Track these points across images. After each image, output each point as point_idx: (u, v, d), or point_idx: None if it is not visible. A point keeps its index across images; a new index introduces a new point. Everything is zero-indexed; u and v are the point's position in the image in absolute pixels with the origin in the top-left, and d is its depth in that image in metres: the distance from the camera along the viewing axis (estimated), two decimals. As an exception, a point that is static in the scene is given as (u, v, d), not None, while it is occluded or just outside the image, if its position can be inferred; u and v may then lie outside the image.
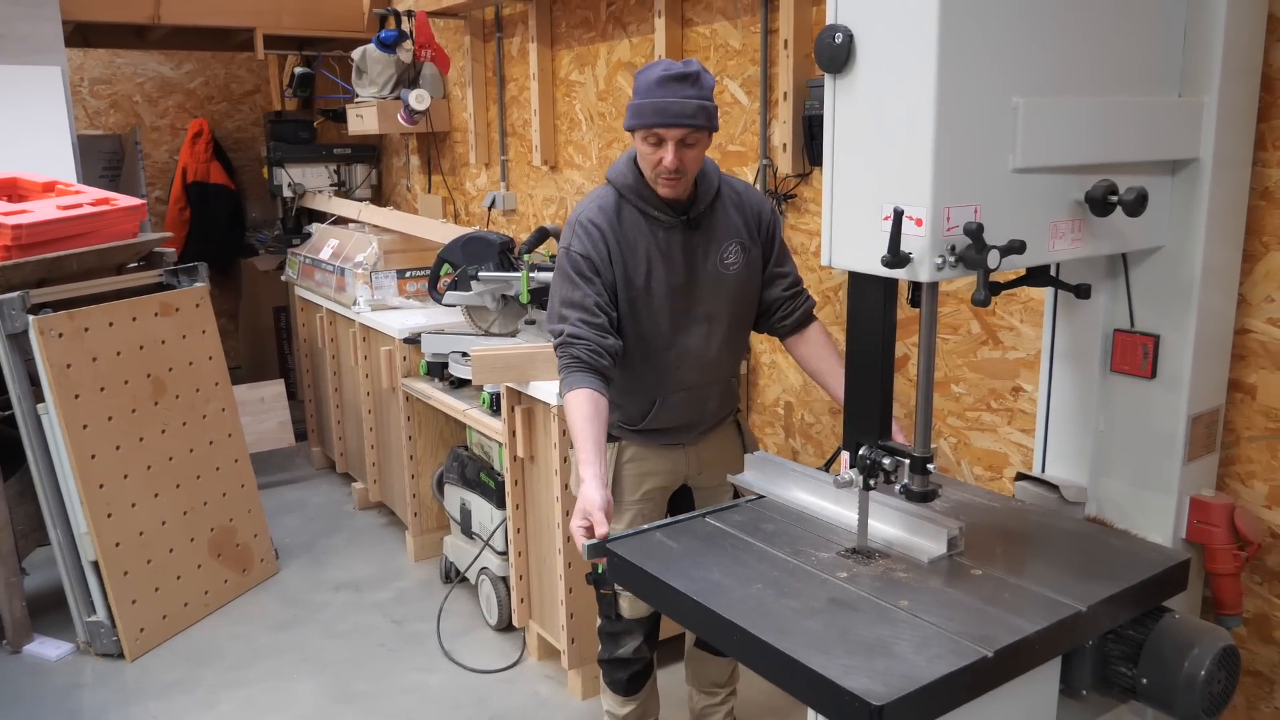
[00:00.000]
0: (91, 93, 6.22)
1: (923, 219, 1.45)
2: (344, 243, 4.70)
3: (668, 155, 2.08)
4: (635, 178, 2.22)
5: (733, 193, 2.31)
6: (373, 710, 3.07)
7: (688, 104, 2.06)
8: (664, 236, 2.22)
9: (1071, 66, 1.58)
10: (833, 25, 1.52)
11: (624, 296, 2.22)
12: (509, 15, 4.38)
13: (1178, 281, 1.83)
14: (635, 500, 2.38)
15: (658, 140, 2.09)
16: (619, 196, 2.24)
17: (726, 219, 2.28)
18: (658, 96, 2.07)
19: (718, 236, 2.26)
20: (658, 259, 2.22)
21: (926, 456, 1.61)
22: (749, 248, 2.29)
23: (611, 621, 2.46)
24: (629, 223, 2.22)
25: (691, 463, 2.42)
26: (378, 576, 3.97)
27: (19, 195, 3.77)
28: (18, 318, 3.24)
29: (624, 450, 2.37)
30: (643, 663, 2.51)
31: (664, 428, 2.35)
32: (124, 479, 3.44)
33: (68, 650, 3.43)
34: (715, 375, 2.34)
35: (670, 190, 2.16)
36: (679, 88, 2.06)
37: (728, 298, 2.29)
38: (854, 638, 1.48)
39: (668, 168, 2.10)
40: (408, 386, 3.89)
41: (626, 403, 2.34)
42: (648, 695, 2.59)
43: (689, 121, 2.07)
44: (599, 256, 2.20)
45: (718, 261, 2.26)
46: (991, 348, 2.53)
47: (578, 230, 2.22)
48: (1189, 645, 1.63)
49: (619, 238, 2.21)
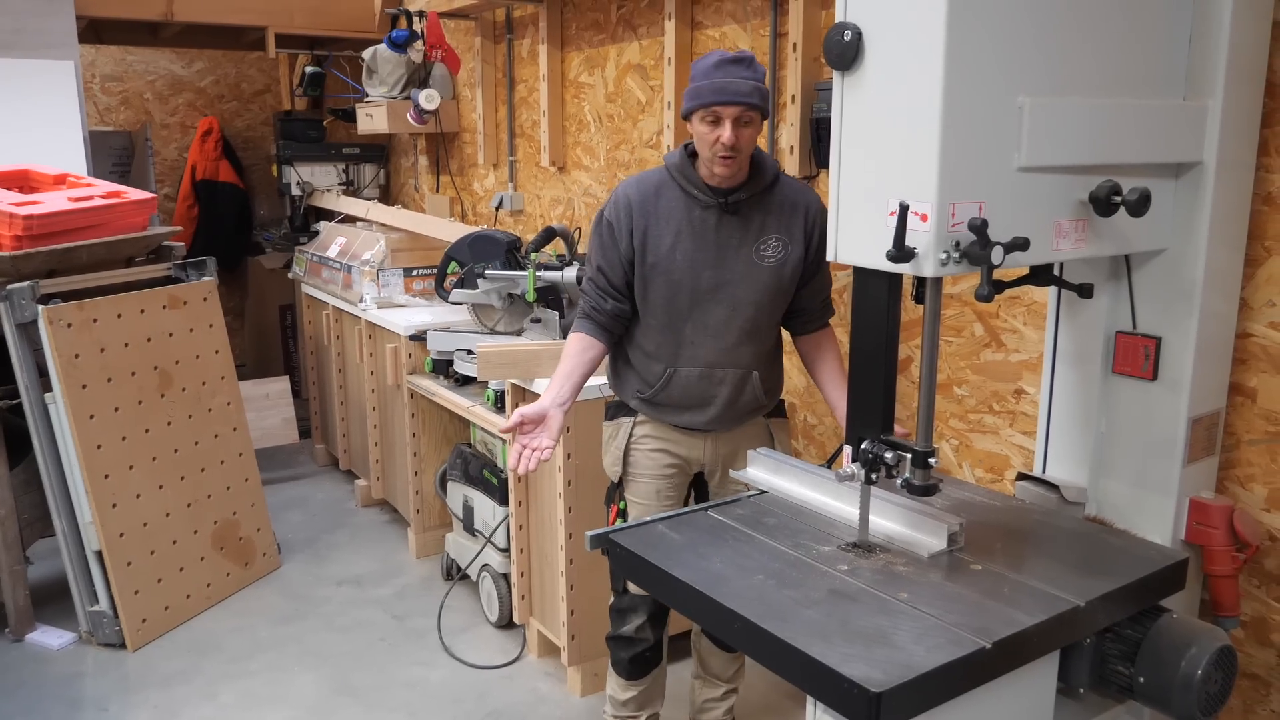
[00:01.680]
0: (103, 89, 6.25)
1: (928, 215, 1.47)
2: (351, 241, 4.73)
3: (725, 132, 2.15)
4: (684, 160, 2.32)
5: (791, 190, 2.35)
6: (373, 703, 3.08)
7: (744, 83, 2.14)
8: (700, 215, 2.29)
9: (1077, 68, 1.60)
10: (842, 23, 1.54)
11: (645, 264, 2.32)
12: (520, 17, 4.41)
13: (1180, 284, 1.84)
14: (650, 475, 2.45)
15: (715, 119, 2.16)
16: (666, 175, 2.34)
17: (775, 213, 2.32)
18: (716, 78, 2.15)
19: (759, 227, 2.30)
20: (687, 233, 2.29)
21: (928, 451, 1.63)
22: (790, 246, 2.32)
23: (619, 596, 2.51)
24: (668, 198, 2.32)
25: (708, 453, 2.46)
26: (379, 572, 3.98)
27: (30, 187, 3.80)
28: (27, 307, 3.27)
29: (639, 426, 2.45)
30: (646, 645, 2.52)
31: (675, 403, 2.40)
32: (129, 470, 3.46)
33: (70, 639, 3.44)
34: (732, 361, 2.36)
35: (726, 170, 2.21)
36: (736, 69, 2.15)
37: (757, 289, 2.31)
38: (854, 627, 1.49)
39: (725, 144, 2.15)
40: (412, 384, 3.91)
41: (643, 368, 2.42)
42: (651, 685, 2.60)
43: (745, 99, 2.14)
44: (620, 225, 2.33)
45: (753, 251, 2.30)
46: (994, 350, 2.54)
47: (614, 198, 2.37)
48: (1186, 645, 1.64)
49: (650, 209, 2.31)
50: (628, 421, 2.47)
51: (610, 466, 2.52)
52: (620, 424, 2.49)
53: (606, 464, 2.54)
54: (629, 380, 2.46)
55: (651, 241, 2.31)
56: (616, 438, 2.49)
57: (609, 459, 2.52)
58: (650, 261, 2.32)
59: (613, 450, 2.50)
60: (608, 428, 2.54)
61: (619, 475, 2.49)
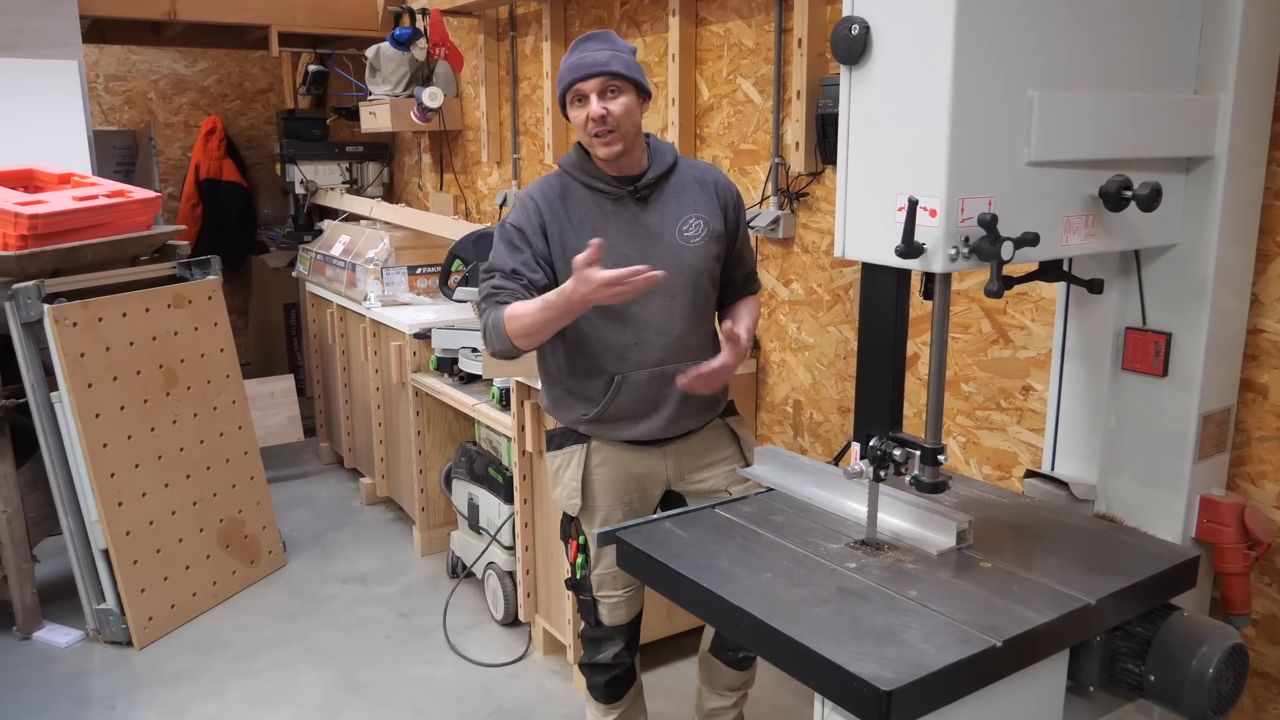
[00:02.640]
0: (106, 89, 6.26)
1: (937, 210, 1.46)
2: (355, 239, 4.73)
3: (592, 105, 2.12)
4: (580, 156, 2.26)
5: (693, 170, 2.32)
6: (378, 701, 3.08)
7: (599, 54, 2.13)
8: (613, 209, 2.23)
9: (1087, 61, 1.59)
10: (849, 17, 1.53)
11: (569, 271, 2.11)
12: (523, 14, 4.40)
13: (1190, 280, 1.83)
14: (613, 504, 2.33)
15: (580, 97, 2.15)
16: (565, 175, 2.27)
17: (685, 192, 2.28)
18: (571, 58, 2.16)
19: (675, 209, 2.26)
20: (605, 230, 2.20)
21: (937, 447, 1.62)
22: (710, 223, 2.28)
23: (592, 627, 2.44)
24: (576, 199, 2.24)
25: (671, 465, 2.35)
26: (385, 570, 3.98)
27: (35, 186, 3.80)
28: (33, 306, 3.27)
29: (593, 454, 2.31)
30: (622, 668, 2.47)
31: (628, 416, 2.26)
32: (135, 468, 3.46)
33: (77, 637, 3.45)
34: (680, 354, 2.26)
35: (608, 149, 2.16)
36: (590, 44, 2.16)
37: (689, 270, 2.25)
38: (863, 625, 1.48)
39: (594, 117, 2.13)
40: (417, 382, 3.90)
41: (585, 387, 2.27)
42: (630, 704, 2.55)
43: (602, 69, 2.12)
44: (530, 227, 2.22)
45: (676, 234, 2.25)
46: (1002, 347, 2.53)
47: (516, 205, 2.27)
48: (1197, 643, 1.63)
49: (559, 212, 2.22)
50: (579, 450, 2.32)
51: (566, 500, 2.34)
52: (571, 453, 2.33)
53: (560, 497, 2.37)
54: (570, 405, 2.32)
55: (571, 246, 2.18)
56: (569, 468, 2.33)
57: (563, 492, 2.35)
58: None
59: (566, 482, 2.34)
60: (555, 458, 2.37)
61: (577, 508, 2.33)
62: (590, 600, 2.40)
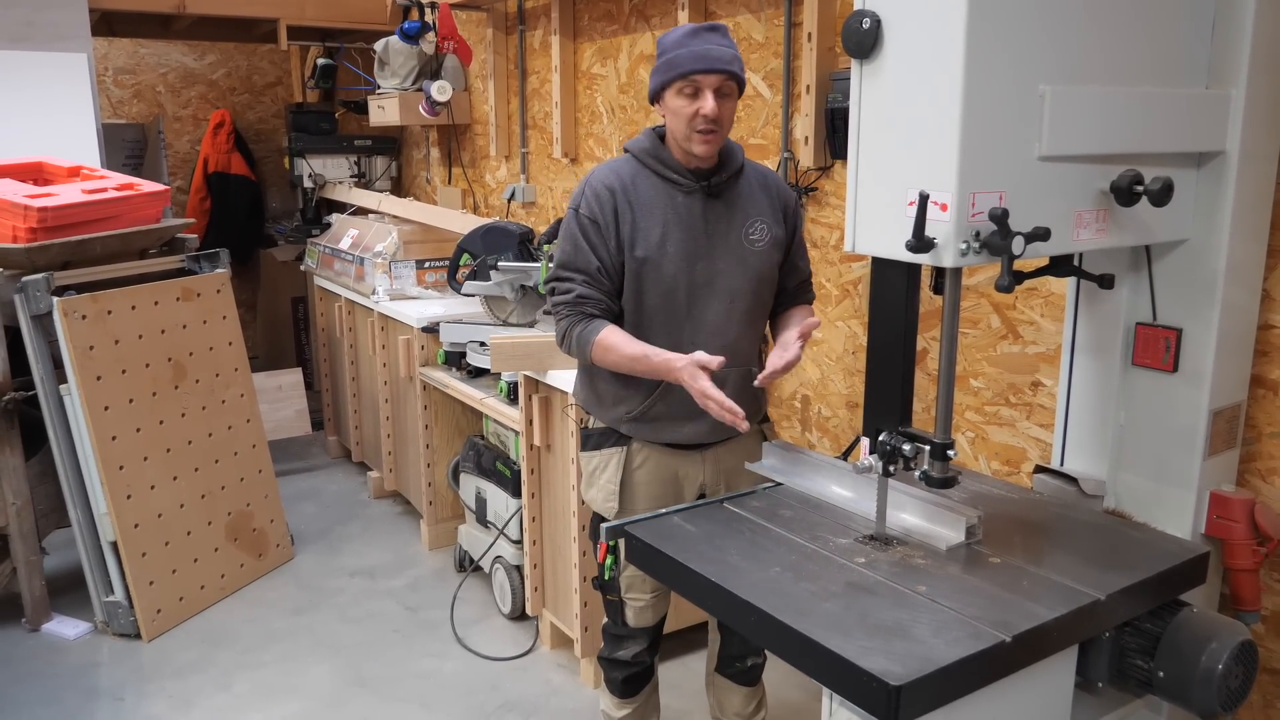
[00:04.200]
0: (115, 82, 6.27)
1: (948, 204, 1.45)
2: (364, 233, 4.73)
3: (707, 103, 2.02)
4: (654, 143, 2.18)
5: (758, 173, 2.26)
6: (386, 694, 3.09)
7: (725, 50, 2.03)
8: (683, 202, 2.15)
9: (1099, 56, 1.58)
10: (861, 10, 1.52)
11: (634, 260, 2.14)
12: (531, 8, 4.39)
13: (1201, 275, 1.82)
14: (643, 509, 2.23)
15: (695, 90, 2.03)
16: (637, 163, 2.19)
17: (752, 195, 2.22)
18: (693, 46, 2.02)
19: (743, 211, 2.19)
20: (674, 223, 2.14)
21: (947, 442, 1.61)
22: (773, 228, 2.23)
23: (617, 626, 2.40)
24: (645, 188, 2.16)
25: (709, 470, 2.30)
26: (392, 564, 3.99)
27: (45, 179, 3.81)
28: (42, 299, 3.28)
29: (634, 455, 2.26)
30: (641, 666, 2.44)
31: (673, 418, 2.20)
32: (144, 461, 3.47)
33: (86, 629, 3.46)
34: (734, 358, 2.18)
35: (706, 147, 2.08)
36: (713, 36, 2.04)
37: (752, 275, 2.20)
38: (872, 620, 1.48)
39: (707, 116, 2.02)
40: (425, 375, 3.91)
41: (630, 384, 2.21)
42: (645, 700, 2.52)
43: (727, 66, 2.03)
44: (605, 221, 2.14)
45: (742, 235, 2.18)
46: (1011, 342, 2.52)
47: (587, 193, 2.17)
48: (1207, 639, 1.63)
49: (631, 201, 2.14)
50: (618, 452, 2.26)
51: (603, 503, 2.28)
52: (610, 455, 2.27)
53: (596, 499, 2.31)
54: (614, 401, 2.25)
55: (641, 235, 2.13)
56: (606, 470, 2.27)
57: (599, 494, 2.29)
58: (640, 256, 2.13)
59: (603, 484, 2.28)
60: (591, 459, 2.30)
61: (613, 511, 2.26)
62: (618, 601, 2.35)
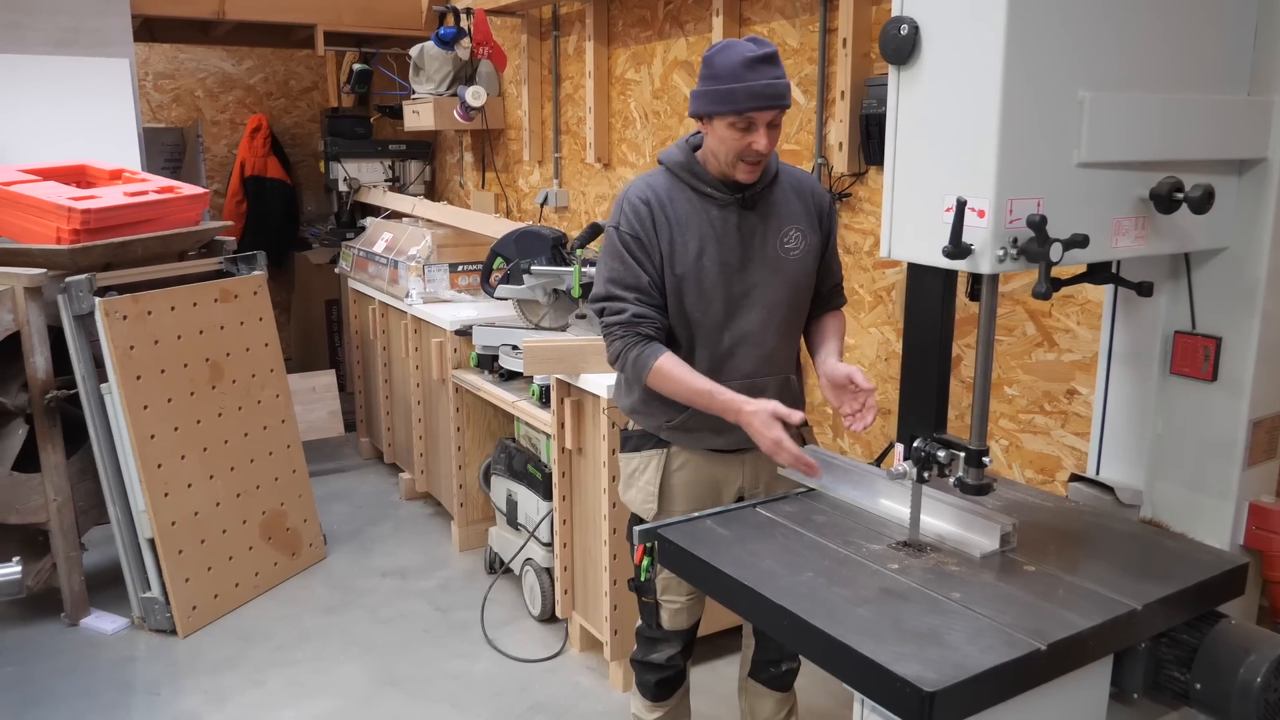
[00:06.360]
0: (155, 87, 6.37)
1: (985, 210, 1.45)
2: (398, 236, 4.77)
3: (761, 140, 2.04)
4: (688, 156, 2.18)
5: (792, 178, 2.26)
6: (417, 694, 3.11)
7: (780, 84, 2.03)
8: (718, 215, 2.16)
9: (1139, 62, 1.57)
10: (898, 17, 1.53)
11: (673, 276, 2.16)
12: (566, 14, 4.42)
13: (1242, 283, 1.80)
14: (682, 511, 2.25)
15: (748, 124, 2.04)
16: (671, 176, 2.19)
17: (786, 202, 2.22)
18: (750, 80, 2.01)
19: (778, 219, 2.20)
20: (710, 237, 2.15)
21: (982, 449, 1.61)
22: (808, 235, 2.23)
23: (651, 628, 2.40)
24: (681, 201, 2.16)
25: (748, 474, 2.30)
26: (423, 565, 4.02)
27: (88, 182, 3.88)
28: (85, 299, 3.34)
29: (673, 458, 2.27)
30: (674, 670, 2.44)
31: (714, 425, 2.18)
32: (181, 460, 3.53)
33: (123, 625, 3.52)
34: (772, 367, 2.23)
35: (751, 175, 2.10)
36: (769, 69, 2.02)
37: (788, 284, 2.21)
38: (906, 626, 1.48)
39: (761, 152, 2.05)
40: (458, 378, 3.93)
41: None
42: (677, 704, 2.52)
43: (781, 103, 2.04)
44: (647, 237, 2.15)
45: (777, 245, 2.19)
46: (1046, 350, 2.51)
47: (626, 209, 2.18)
48: (1245, 651, 1.61)
49: (669, 215, 2.15)
50: (658, 454, 2.27)
51: (642, 504, 2.30)
52: (649, 456, 2.28)
53: (634, 500, 2.32)
54: (654, 410, 2.25)
55: (679, 250, 2.15)
56: (645, 472, 2.29)
57: (638, 495, 2.31)
58: (679, 272, 2.15)
59: (642, 486, 2.30)
60: (630, 460, 2.32)
61: (652, 513, 2.28)
62: (653, 603, 2.35)
